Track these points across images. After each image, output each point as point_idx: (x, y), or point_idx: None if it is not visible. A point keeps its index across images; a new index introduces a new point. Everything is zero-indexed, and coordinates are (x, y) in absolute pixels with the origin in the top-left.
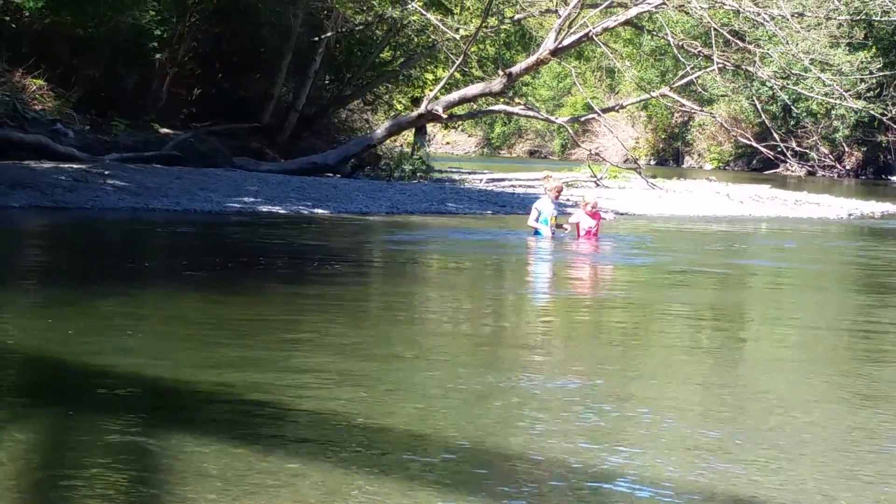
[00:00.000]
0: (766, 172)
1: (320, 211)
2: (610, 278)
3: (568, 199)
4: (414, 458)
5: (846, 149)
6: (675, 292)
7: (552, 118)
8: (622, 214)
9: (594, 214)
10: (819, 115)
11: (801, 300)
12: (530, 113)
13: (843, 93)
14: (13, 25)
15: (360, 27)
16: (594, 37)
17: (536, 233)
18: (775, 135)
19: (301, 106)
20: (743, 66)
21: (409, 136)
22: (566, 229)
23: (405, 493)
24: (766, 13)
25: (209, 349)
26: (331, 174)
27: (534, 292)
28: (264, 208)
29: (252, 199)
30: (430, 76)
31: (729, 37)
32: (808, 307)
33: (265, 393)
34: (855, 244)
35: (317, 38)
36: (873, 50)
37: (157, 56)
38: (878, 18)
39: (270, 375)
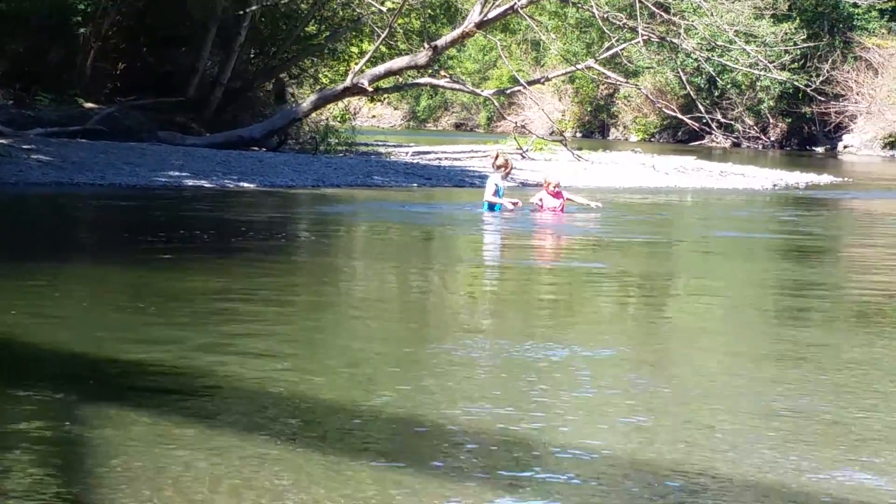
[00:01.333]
0: (692, 144)
1: (246, 185)
2: (545, 249)
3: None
4: (341, 427)
5: (771, 120)
6: (606, 260)
7: (478, 91)
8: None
9: (557, 194)
10: (744, 87)
11: (727, 267)
12: (456, 86)
13: (768, 64)
14: None
15: (286, 1)
16: (519, 9)
17: (492, 208)
18: (700, 106)
19: (226, 80)
20: (668, 38)
21: (334, 109)
22: (519, 204)
23: (332, 465)
24: None
25: (135, 322)
26: (256, 148)
27: (476, 262)
28: (190, 182)
29: (177, 174)
30: (355, 49)
31: (654, 9)
32: (733, 274)
33: (192, 366)
34: (780, 214)
35: (242, 12)
36: (797, 21)
37: (81, 31)
38: None
39: (197, 348)
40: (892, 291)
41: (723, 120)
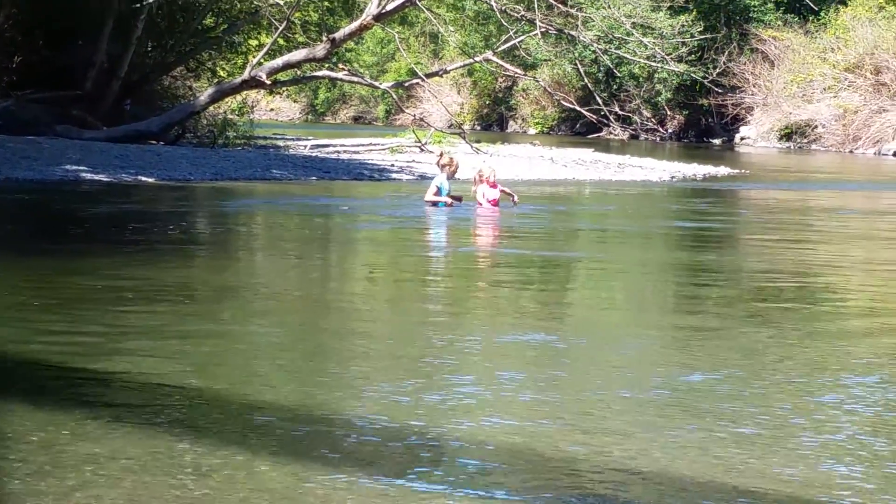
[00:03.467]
0: (590, 136)
1: (144, 178)
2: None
3: (393, 164)
4: (240, 420)
5: (668, 112)
6: (517, 248)
7: (376, 84)
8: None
9: (494, 184)
10: (641, 79)
11: (623, 254)
12: (354, 79)
13: (665, 56)
14: None
15: None
16: (417, 1)
17: (434, 204)
18: (598, 98)
19: (123, 73)
20: (566, 31)
21: (232, 102)
22: (460, 200)
23: (231, 457)
24: None
25: (30, 317)
26: (154, 141)
27: (386, 255)
28: (87, 176)
29: (75, 167)
30: (253, 42)
31: (552, 1)
32: (632, 260)
33: (88, 360)
34: (676, 205)
35: (139, 5)
36: (694, 13)
37: None
38: None
39: (94, 342)
40: (782, 278)
41: (620, 112)
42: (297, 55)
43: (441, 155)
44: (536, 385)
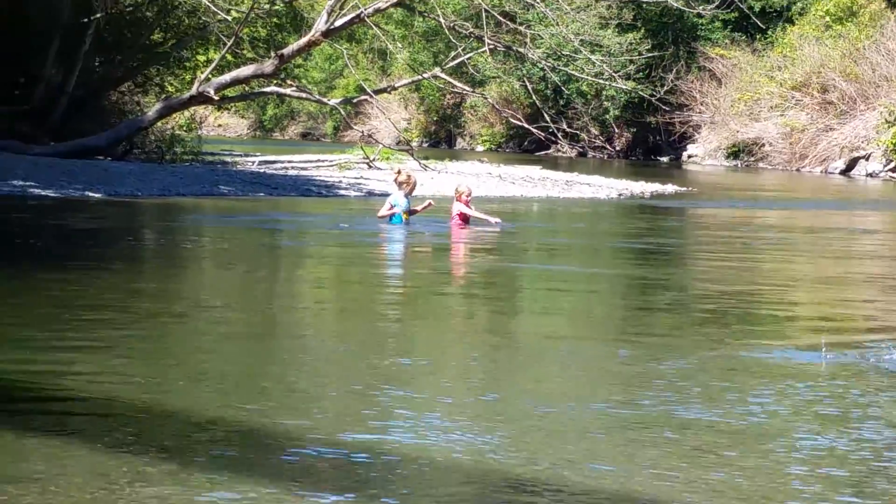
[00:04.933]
0: (538, 153)
1: (91, 194)
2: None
3: (341, 181)
4: (185, 437)
5: (616, 130)
6: (460, 266)
7: (324, 100)
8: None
9: (468, 204)
10: (589, 96)
11: (574, 271)
12: (302, 95)
13: (613, 73)
14: None
15: (131, 8)
16: (366, 18)
17: (392, 221)
18: (546, 116)
19: (71, 88)
20: (514, 48)
21: (180, 118)
22: (431, 204)
23: (175, 474)
24: None
25: None
26: (102, 157)
27: (336, 273)
28: (34, 192)
29: (21, 183)
30: (202, 58)
31: (500, 18)
32: (578, 277)
33: (33, 376)
34: (624, 222)
35: (86, 20)
36: (642, 31)
37: None
38: (646, 0)
39: (40, 357)
40: (725, 294)
41: (568, 129)
42: (246, 71)
43: (399, 172)
44: (481, 401)
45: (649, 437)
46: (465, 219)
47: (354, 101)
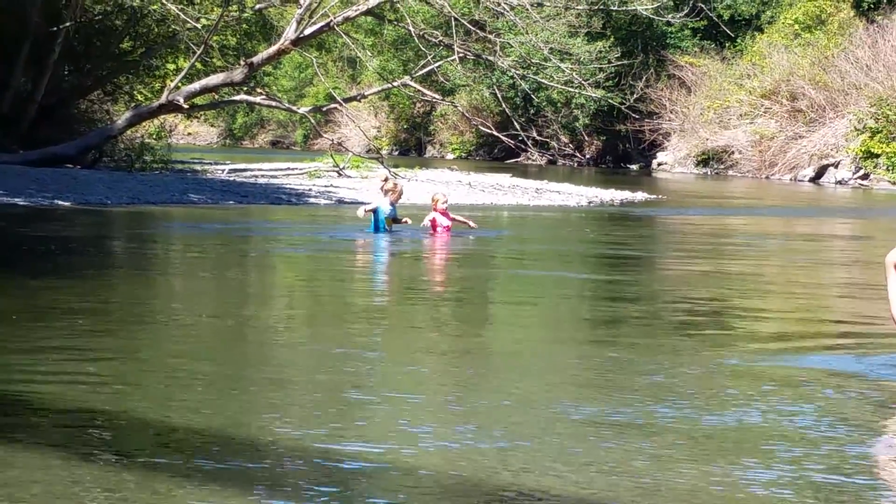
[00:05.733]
0: (508, 162)
1: (60, 202)
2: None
3: (311, 189)
4: (155, 444)
5: (586, 138)
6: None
7: (294, 108)
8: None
9: (445, 212)
10: (559, 105)
11: (543, 278)
12: (272, 103)
13: (582, 81)
14: None
15: (100, 17)
16: (335, 26)
17: (377, 229)
18: (516, 124)
19: (40, 96)
20: (484, 56)
21: (150, 126)
22: (407, 222)
23: (147, 482)
24: (505, 3)
25: None
26: (71, 165)
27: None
28: (3, 200)
29: None
30: (171, 66)
31: (469, 26)
32: (547, 284)
33: (3, 384)
34: (593, 229)
35: (55, 28)
36: (611, 39)
37: None
38: (615, 8)
39: (12, 364)
40: (695, 301)
41: (538, 137)
42: (215, 79)
43: (385, 180)
44: (452, 410)
45: (619, 442)
46: (444, 226)
47: (324, 109)
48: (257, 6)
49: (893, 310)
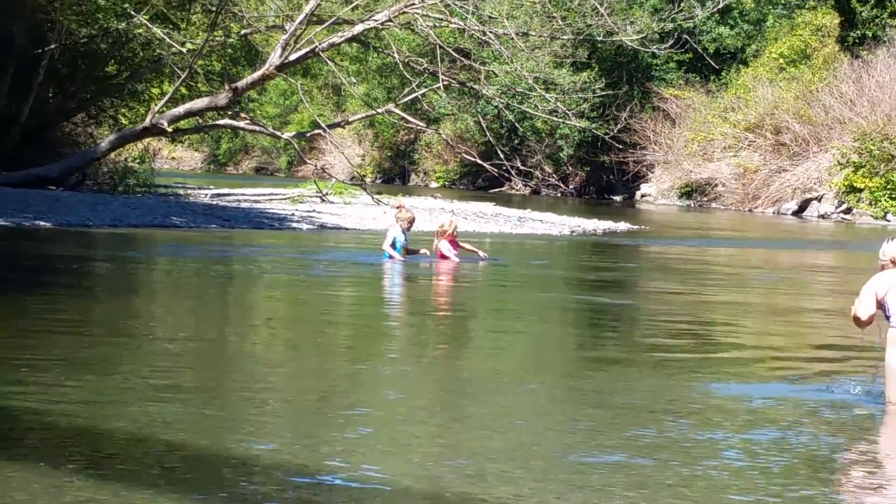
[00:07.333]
0: (492, 191)
1: (42, 223)
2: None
3: (293, 214)
4: (136, 461)
5: (570, 168)
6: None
7: (278, 133)
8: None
9: (454, 242)
10: (543, 134)
11: (526, 304)
12: (256, 128)
13: (567, 111)
14: None
15: (85, 40)
16: (320, 53)
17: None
18: (500, 153)
19: (24, 119)
20: (468, 84)
21: (134, 150)
22: (426, 253)
23: (126, 497)
24: (491, 32)
25: None
26: (54, 187)
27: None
28: None
29: None
30: (156, 90)
31: (455, 55)
32: (530, 309)
33: None
34: (574, 257)
35: (40, 51)
36: (596, 70)
37: None
38: (601, 39)
39: None
40: (677, 328)
41: (522, 167)
42: (199, 103)
43: (399, 208)
44: (433, 430)
45: (595, 463)
46: (450, 254)
47: (308, 135)
48: (243, 31)
49: (861, 309)
